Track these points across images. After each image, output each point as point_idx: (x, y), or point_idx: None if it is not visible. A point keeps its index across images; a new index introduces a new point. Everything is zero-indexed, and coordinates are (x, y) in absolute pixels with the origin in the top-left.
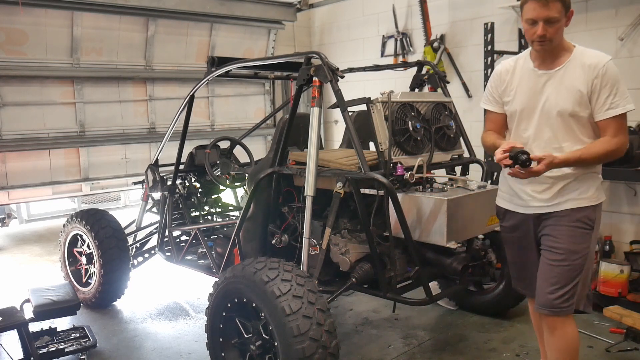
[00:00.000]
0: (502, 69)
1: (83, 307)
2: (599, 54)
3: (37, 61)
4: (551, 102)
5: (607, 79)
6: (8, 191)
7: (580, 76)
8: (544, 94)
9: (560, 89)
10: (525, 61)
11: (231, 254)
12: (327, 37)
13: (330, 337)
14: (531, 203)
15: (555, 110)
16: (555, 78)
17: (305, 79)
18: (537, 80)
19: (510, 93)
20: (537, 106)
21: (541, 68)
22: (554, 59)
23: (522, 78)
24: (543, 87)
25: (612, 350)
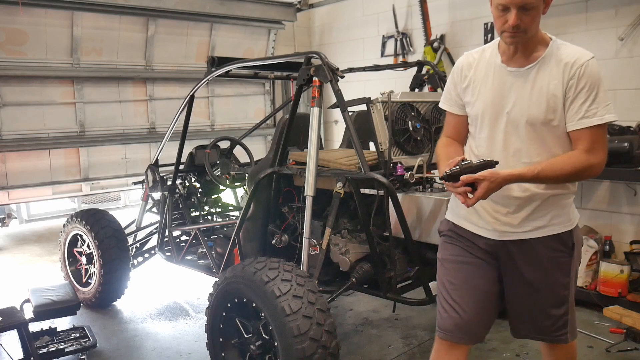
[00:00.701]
0: (464, 62)
1: (83, 307)
2: (579, 50)
3: (37, 61)
4: (520, 107)
5: (585, 80)
6: (8, 191)
7: (555, 76)
8: (511, 97)
9: (532, 92)
10: (492, 54)
11: (231, 254)
12: (327, 37)
13: (330, 337)
14: (497, 226)
15: (524, 118)
16: (526, 78)
17: (305, 79)
18: (504, 80)
19: (473, 92)
20: (503, 112)
21: (510, 65)
22: (526, 55)
23: (487, 75)
24: (511, 88)
25: (612, 350)
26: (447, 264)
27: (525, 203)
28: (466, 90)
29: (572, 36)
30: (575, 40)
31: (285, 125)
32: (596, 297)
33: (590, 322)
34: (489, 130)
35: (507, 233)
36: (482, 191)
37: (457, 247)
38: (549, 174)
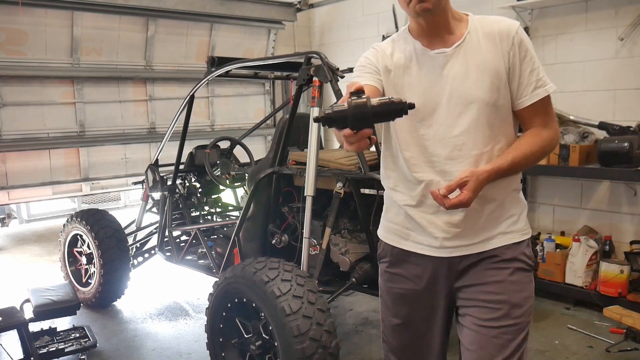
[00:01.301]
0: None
1: (83, 307)
2: (504, 19)
3: (37, 61)
4: (459, 91)
5: (524, 48)
6: (8, 191)
7: (490, 49)
8: (446, 81)
9: (468, 72)
10: (406, 42)
11: (231, 254)
12: (327, 37)
13: (330, 337)
14: (446, 242)
15: (467, 102)
16: (456, 58)
17: (305, 79)
18: (432, 65)
19: (393, 83)
20: (441, 100)
21: (433, 48)
22: (445, 34)
23: (409, 62)
24: (442, 72)
25: (612, 350)
26: (387, 321)
27: (481, 206)
28: (386, 81)
29: (572, 36)
30: (575, 40)
31: (285, 125)
32: (596, 297)
33: (590, 322)
34: (426, 127)
35: (461, 247)
36: (472, 194)
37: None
38: (521, 160)
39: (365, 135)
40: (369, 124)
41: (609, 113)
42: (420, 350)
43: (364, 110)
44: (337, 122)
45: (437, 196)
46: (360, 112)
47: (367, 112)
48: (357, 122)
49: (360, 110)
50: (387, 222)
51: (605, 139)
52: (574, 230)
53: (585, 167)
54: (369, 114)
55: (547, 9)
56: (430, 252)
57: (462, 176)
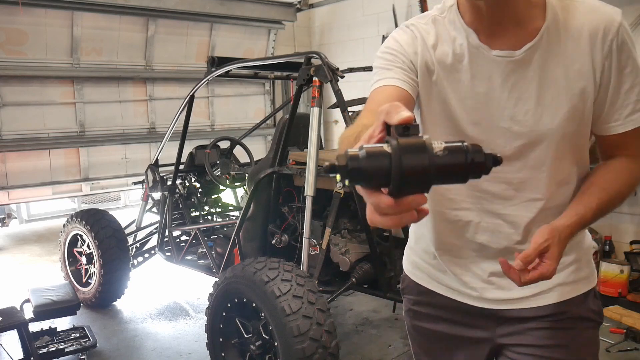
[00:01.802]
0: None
1: (83, 307)
2: (599, 5)
3: (37, 61)
4: (526, 117)
5: (626, 55)
6: (8, 191)
7: (578, 57)
8: (508, 100)
9: (542, 90)
10: (455, 27)
11: (231, 254)
12: (327, 37)
13: (330, 337)
14: (487, 294)
15: (534, 134)
16: (526, 67)
17: (305, 79)
18: (491, 71)
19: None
20: (497, 125)
21: (495, 45)
22: (512, 25)
23: (459, 67)
24: (505, 85)
25: (612, 350)
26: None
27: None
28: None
29: None
30: None
31: (285, 125)
32: None
33: None
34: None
35: (506, 301)
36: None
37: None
38: (607, 204)
39: (415, 205)
40: (426, 186)
41: None
42: None
43: (422, 161)
44: (370, 178)
45: (510, 270)
46: (414, 164)
47: (427, 166)
48: (408, 181)
49: (416, 160)
50: (415, 255)
51: None
52: None
53: None
54: (430, 168)
55: None
56: (466, 300)
57: (540, 240)
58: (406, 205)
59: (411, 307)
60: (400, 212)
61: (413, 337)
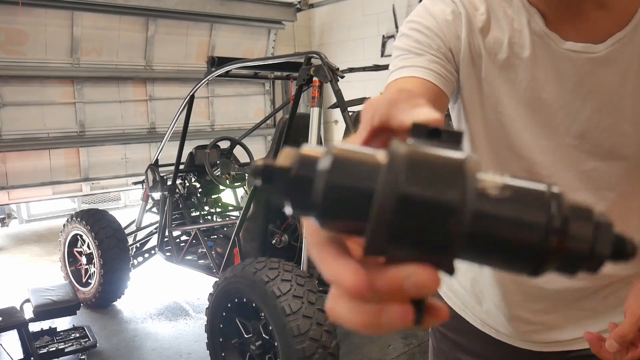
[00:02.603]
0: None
1: (83, 307)
2: None
3: (37, 61)
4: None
5: None
6: (8, 191)
7: None
8: (583, 108)
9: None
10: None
11: (231, 254)
12: (327, 37)
13: (330, 337)
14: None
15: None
16: (611, 66)
17: (305, 79)
18: (562, 69)
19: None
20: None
21: (568, 35)
22: (597, 5)
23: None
24: (580, 89)
25: None
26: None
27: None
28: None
29: None
30: None
31: (285, 125)
32: None
33: None
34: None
35: (555, 344)
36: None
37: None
38: None
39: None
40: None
41: None
42: None
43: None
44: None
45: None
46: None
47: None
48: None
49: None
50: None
51: None
52: None
53: None
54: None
55: None
56: (506, 340)
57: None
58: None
59: (438, 328)
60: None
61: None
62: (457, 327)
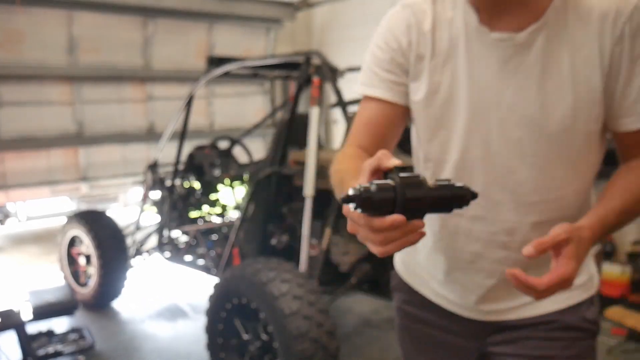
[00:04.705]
0: (408, 20)
1: (81, 308)
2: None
3: (35, 61)
4: (525, 106)
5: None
6: (6, 191)
7: (584, 40)
8: (507, 88)
9: (545, 78)
10: (455, 7)
11: (231, 254)
12: (327, 37)
13: (330, 338)
14: (479, 305)
15: (534, 125)
16: (528, 51)
17: (305, 78)
18: (489, 55)
19: (428, 78)
20: (492, 114)
21: (496, 27)
22: (515, 5)
23: (455, 47)
24: (503, 71)
25: (614, 351)
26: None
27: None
28: (417, 72)
29: None
30: None
31: (285, 125)
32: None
33: None
34: (462, 151)
35: (498, 312)
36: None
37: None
38: (633, 206)
39: (417, 228)
40: (423, 213)
41: None
42: None
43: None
44: (378, 207)
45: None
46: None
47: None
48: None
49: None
50: (406, 254)
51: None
52: None
53: None
54: (427, 199)
55: None
56: (457, 310)
57: (559, 231)
58: (410, 227)
59: (401, 306)
60: (406, 235)
61: (401, 337)
62: (417, 302)
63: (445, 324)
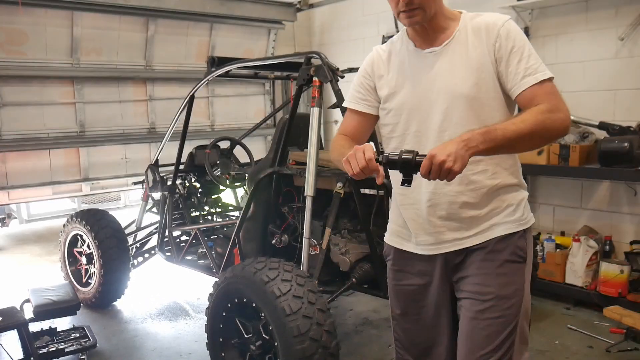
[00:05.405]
0: (374, 56)
1: (83, 307)
2: (494, 14)
3: (37, 61)
4: (445, 88)
5: (512, 40)
6: (8, 191)
7: (477, 45)
8: (435, 78)
9: (455, 68)
10: (402, 43)
11: (231, 254)
12: (327, 37)
13: (331, 337)
14: (443, 236)
15: (453, 97)
16: (445, 55)
17: (305, 79)
18: (423, 63)
19: (389, 84)
20: (429, 96)
21: (425, 47)
22: (437, 33)
23: (403, 63)
24: (432, 70)
25: (612, 351)
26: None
27: (476, 197)
28: (381, 85)
29: (572, 36)
30: (575, 40)
31: (285, 125)
32: (596, 297)
33: (591, 322)
34: (417, 123)
35: (455, 241)
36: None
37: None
38: (505, 126)
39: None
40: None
41: (609, 113)
42: (429, 344)
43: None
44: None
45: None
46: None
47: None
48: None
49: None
50: (391, 223)
51: (606, 139)
52: (574, 230)
53: (586, 167)
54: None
55: (547, 8)
56: (427, 251)
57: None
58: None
59: (390, 268)
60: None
61: (392, 296)
62: (401, 258)
63: (421, 268)
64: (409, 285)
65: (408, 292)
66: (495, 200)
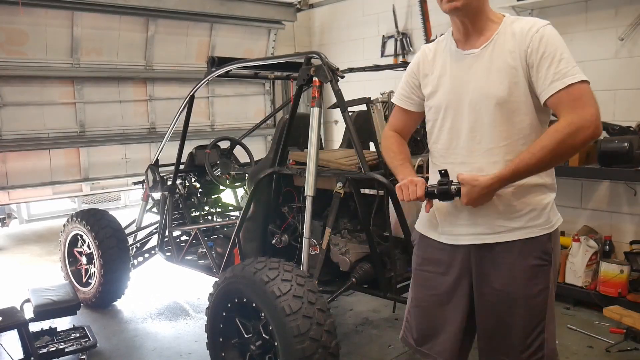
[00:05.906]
0: (420, 56)
1: (83, 307)
2: (534, 19)
3: (37, 61)
4: (480, 88)
5: (543, 45)
6: (8, 191)
7: (512, 48)
8: (470, 80)
9: (490, 70)
10: (447, 42)
11: (231, 254)
12: (327, 37)
13: (331, 337)
14: (466, 229)
15: (485, 99)
16: (483, 58)
17: (305, 79)
18: (462, 64)
19: (432, 83)
20: (465, 97)
21: (466, 48)
22: (478, 34)
23: (445, 63)
24: (469, 71)
25: (612, 350)
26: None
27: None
28: (425, 83)
29: (572, 36)
30: (575, 40)
31: (285, 125)
32: (596, 297)
33: (590, 322)
34: (451, 120)
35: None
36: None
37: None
38: (528, 160)
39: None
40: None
41: (609, 113)
42: (430, 333)
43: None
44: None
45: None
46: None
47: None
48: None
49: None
50: (422, 211)
51: (605, 139)
52: (573, 230)
53: (585, 167)
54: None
55: (547, 9)
56: (449, 241)
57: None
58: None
59: (415, 252)
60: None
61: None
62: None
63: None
64: (425, 272)
65: (422, 278)
66: (521, 201)
